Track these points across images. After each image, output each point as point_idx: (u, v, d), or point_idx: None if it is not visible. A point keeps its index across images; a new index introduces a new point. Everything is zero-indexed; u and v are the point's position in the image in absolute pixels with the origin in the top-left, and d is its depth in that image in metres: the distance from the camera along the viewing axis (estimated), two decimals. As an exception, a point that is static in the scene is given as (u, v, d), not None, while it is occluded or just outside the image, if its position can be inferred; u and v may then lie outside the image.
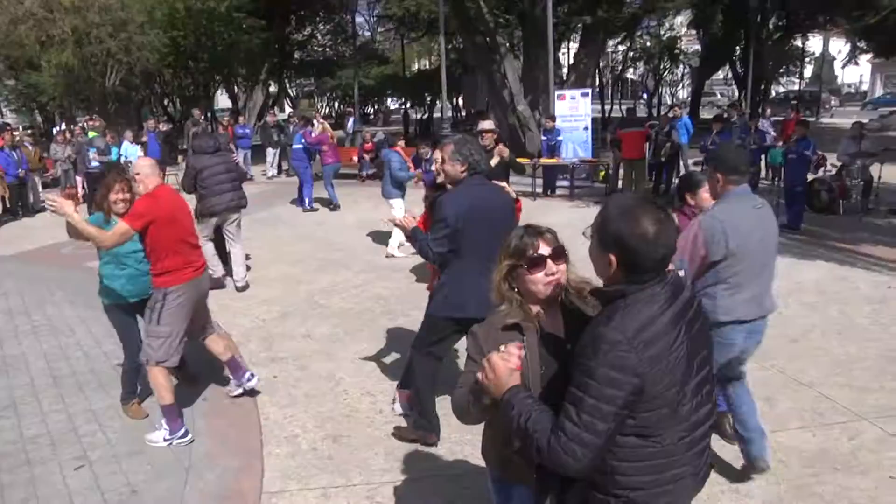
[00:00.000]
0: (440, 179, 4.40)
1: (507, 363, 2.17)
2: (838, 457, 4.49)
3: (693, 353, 2.14)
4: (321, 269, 9.54)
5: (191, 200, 6.88)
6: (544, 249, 2.48)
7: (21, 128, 19.98)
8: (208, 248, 8.36)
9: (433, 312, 4.61)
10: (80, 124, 19.34)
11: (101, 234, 4.63)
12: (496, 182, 4.82)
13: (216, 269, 8.57)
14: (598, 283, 2.38)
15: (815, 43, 45.24)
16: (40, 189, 16.13)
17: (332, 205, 14.44)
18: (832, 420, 4.98)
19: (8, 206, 14.91)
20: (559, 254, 2.50)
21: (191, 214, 5.27)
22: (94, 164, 14.80)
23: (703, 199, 4.64)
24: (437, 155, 4.57)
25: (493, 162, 6.59)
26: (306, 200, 14.35)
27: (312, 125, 14.89)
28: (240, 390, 5.52)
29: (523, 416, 2.12)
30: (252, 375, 5.50)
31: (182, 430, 4.88)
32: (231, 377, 5.57)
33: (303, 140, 14.38)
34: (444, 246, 4.26)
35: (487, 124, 7.35)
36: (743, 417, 4.18)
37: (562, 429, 2.04)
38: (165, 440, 4.83)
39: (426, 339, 4.69)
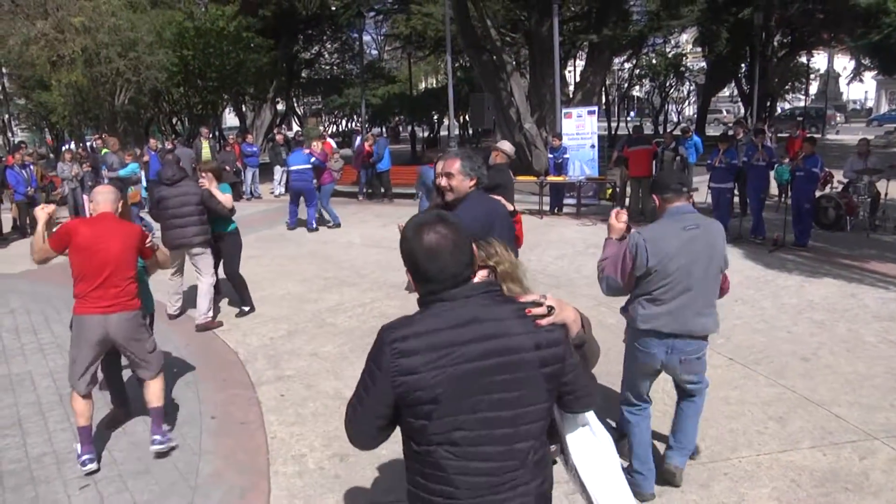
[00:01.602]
0: (450, 197, 4.25)
1: None
2: (850, 477, 4.44)
3: (483, 389, 2.13)
4: (328, 288, 9.53)
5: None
6: None
7: (24, 145, 20.08)
8: (173, 283, 8.24)
9: None
10: (89, 143, 19.46)
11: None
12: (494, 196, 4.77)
13: (175, 304, 8.33)
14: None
15: (820, 60, 45.39)
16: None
17: (331, 224, 14.46)
18: (842, 439, 4.93)
19: (17, 224, 14.99)
20: None
21: (129, 250, 4.87)
22: (106, 181, 14.87)
23: None
24: (438, 168, 4.42)
25: None
26: (314, 222, 14.28)
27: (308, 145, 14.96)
28: (155, 447, 4.93)
29: None
30: (161, 442, 4.91)
31: (85, 457, 4.73)
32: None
33: (312, 158, 14.36)
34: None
35: (507, 147, 8.02)
36: (636, 449, 4.28)
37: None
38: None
39: None
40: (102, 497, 4.46)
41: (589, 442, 2.49)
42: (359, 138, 25.72)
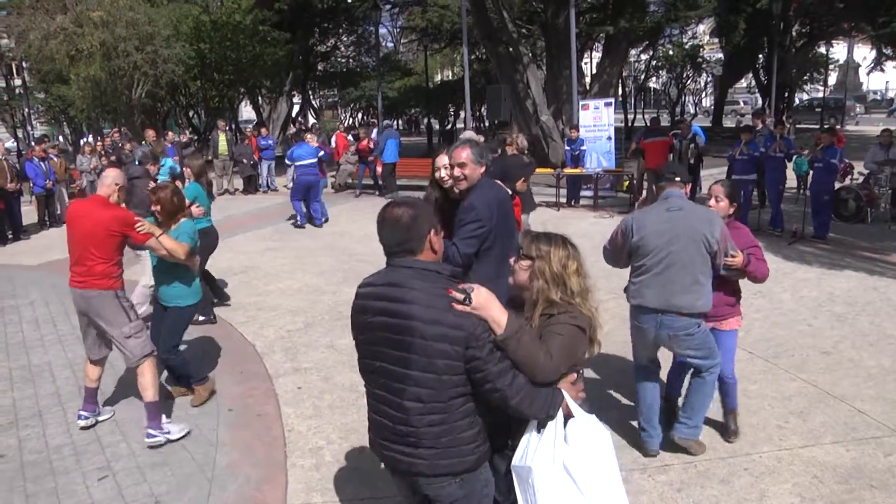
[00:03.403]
0: (464, 185, 4.23)
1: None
2: (874, 473, 4.38)
3: (382, 342, 2.65)
4: (345, 280, 9.53)
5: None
6: None
7: (46, 139, 20.22)
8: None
9: None
10: (109, 137, 19.57)
11: None
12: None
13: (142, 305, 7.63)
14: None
15: (839, 50, 44.81)
16: (66, 200, 16.33)
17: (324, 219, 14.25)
18: (866, 435, 4.87)
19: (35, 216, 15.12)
20: None
21: (100, 233, 4.92)
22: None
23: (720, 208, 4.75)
24: (442, 161, 4.39)
25: None
26: (321, 217, 14.12)
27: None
28: (146, 440, 5.04)
29: None
30: (151, 436, 5.00)
31: (81, 413, 5.32)
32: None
33: (321, 153, 14.24)
34: (474, 247, 4.10)
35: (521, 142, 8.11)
36: (641, 407, 4.69)
37: None
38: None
39: None
40: (120, 488, 4.48)
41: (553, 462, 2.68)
42: (374, 131, 25.78)
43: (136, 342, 5.07)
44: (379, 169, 17.83)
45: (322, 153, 14.31)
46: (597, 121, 16.88)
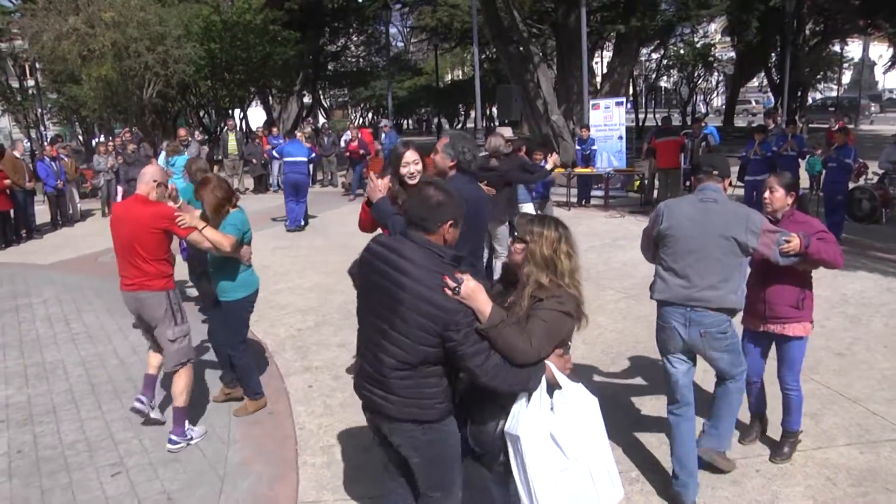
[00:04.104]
0: (426, 173, 4.29)
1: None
2: (889, 476, 4.34)
3: (376, 300, 2.95)
4: (355, 279, 9.54)
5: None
6: None
7: (60, 139, 20.35)
8: None
9: None
10: (120, 136, 19.67)
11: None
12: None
13: None
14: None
15: (854, 48, 44.55)
16: (77, 199, 16.42)
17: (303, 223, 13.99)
18: (881, 437, 4.83)
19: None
20: None
21: (143, 233, 4.89)
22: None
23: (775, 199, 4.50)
24: (412, 156, 4.34)
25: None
26: (302, 219, 13.90)
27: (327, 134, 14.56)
28: (168, 446, 5.03)
29: None
30: (174, 442, 4.99)
31: (138, 396, 5.35)
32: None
33: (312, 154, 14.10)
34: None
35: (506, 132, 8.29)
36: (676, 450, 4.18)
37: None
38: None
39: None
40: (133, 484, 4.50)
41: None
42: (384, 133, 25.82)
43: (178, 348, 5.06)
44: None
45: (312, 154, 14.24)
46: (607, 120, 16.86)
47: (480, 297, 2.78)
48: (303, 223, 13.86)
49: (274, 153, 13.16)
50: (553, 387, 2.94)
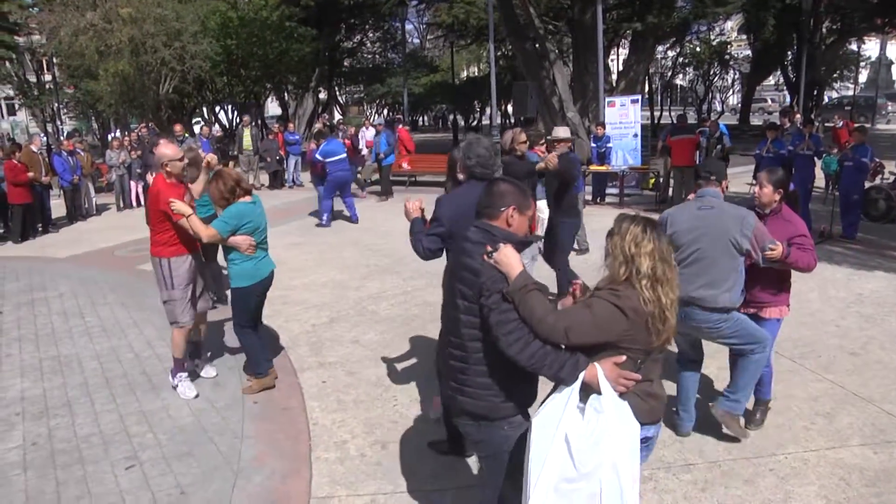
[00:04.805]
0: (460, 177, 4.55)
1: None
2: (905, 477, 4.31)
3: (454, 273, 3.11)
4: (370, 276, 9.56)
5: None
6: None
7: (77, 133, 20.52)
8: None
9: None
10: (136, 131, 19.78)
11: None
12: None
13: None
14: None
15: (871, 46, 44.13)
16: (93, 194, 16.53)
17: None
18: (895, 437, 4.79)
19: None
20: None
21: (153, 210, 5.60)
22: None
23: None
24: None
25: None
26: (354, 214, 13.97)
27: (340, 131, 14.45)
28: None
29: None
30: (174, 385, 5.93)
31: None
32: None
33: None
34: (436, 244, 4.36)
35: (563, 132, 8.27)
36: (679, 394, 4.88)
37: None
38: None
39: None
40: (147, 478, 4.53)
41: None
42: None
43: (168, 309, 5.73)
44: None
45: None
46: (623, 118, 16.77)
47: (512, 261, 2.84)
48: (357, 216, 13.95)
49: (317, 156, 13.05)
50: (591, 390, 2.77)
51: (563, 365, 2.77)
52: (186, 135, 16.59)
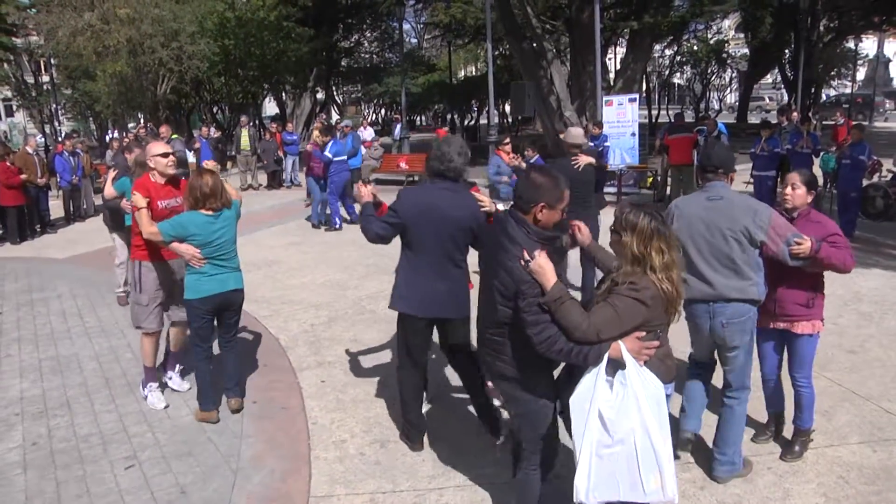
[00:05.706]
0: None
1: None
2: (903, 475, 4.31)
3: (489, 273, 3.41)
4: (369, 275, 9.57)
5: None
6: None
7: (76, 134, 20.50)
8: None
9: (390, 306, 4.74)
10: (134, 132, 19.79)
11: None
12: (473, 191, 4.59)
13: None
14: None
15: (868, 44, 44.20)
16: (92, 195, 16.53)
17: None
18: (893, 435, 4.80)
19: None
20: None
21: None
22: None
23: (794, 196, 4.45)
24: None
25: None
26: (355, 214, 13.47)
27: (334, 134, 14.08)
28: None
29: None
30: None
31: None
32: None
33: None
34: (386, 231, 4.44)
35: (578, 137, 8.18)
36: (684, 402, 4.58)
37: None
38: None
39: (400, 343, 4.83)
40: (147, 477, 4.54)
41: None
42: (398, 126, 25.82)
43: (133, 312, 5.63)
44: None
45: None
46: (620, 117, 16.78)
47: (547, 273, 3.05)
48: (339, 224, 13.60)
49: (328, 154, 12.79)
50: (618, 366, 3.02)
51: (587, 355, 3.05)
52: (174, 136, 16.57)
